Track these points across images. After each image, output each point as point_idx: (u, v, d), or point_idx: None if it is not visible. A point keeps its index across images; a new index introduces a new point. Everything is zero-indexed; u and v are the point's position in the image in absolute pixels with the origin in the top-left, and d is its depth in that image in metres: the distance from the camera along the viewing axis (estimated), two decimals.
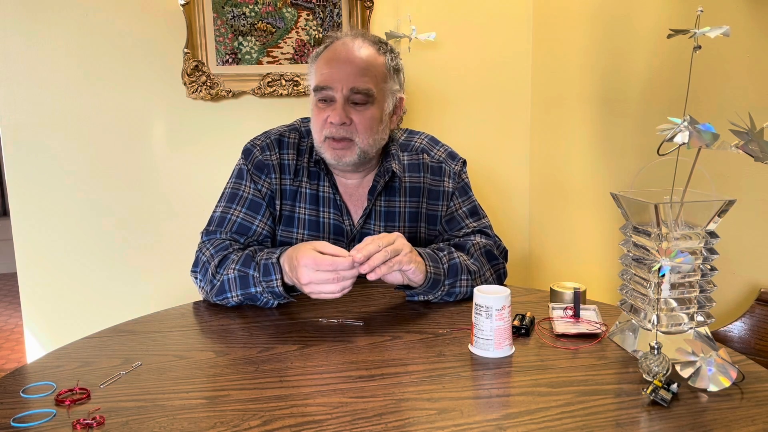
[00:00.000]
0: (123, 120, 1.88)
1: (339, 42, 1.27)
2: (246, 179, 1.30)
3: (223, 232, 1.26)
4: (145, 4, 1.84)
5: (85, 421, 0.74)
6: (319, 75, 1.25)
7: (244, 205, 1.28)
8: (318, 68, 1.26)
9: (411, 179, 1.33)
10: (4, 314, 3.45)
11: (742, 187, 1.32)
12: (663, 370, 0.80)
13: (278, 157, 1.31)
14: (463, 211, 1.34)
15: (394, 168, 1.30)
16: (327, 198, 1.31)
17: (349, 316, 1.09)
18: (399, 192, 1.32)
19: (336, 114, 1.21)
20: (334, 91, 1.22)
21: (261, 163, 1.30)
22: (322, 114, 1.24)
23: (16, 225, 1.84)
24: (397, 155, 1.33)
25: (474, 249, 1.26)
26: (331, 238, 1.30)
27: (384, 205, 1.32)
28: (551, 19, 2.08)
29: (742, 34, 1.30)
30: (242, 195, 1.29)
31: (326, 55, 1.26)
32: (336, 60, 1.24)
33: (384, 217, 1.32)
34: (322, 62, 1.26)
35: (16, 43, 1.78)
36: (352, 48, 1.25)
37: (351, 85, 1.21)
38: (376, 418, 0.74)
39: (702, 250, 0.87)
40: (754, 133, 0.74)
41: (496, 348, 0.91)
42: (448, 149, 1.38)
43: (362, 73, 1.23)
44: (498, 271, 1.29)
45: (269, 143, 1.31)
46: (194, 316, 1.13)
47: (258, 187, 1.29)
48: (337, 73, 1.22)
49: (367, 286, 1.25)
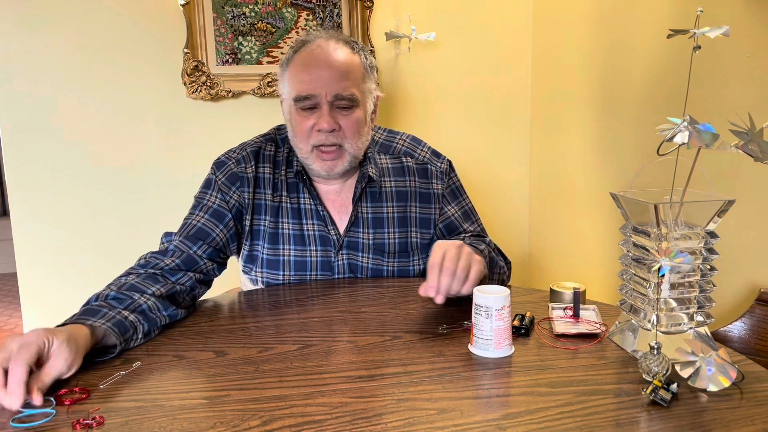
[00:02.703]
0: (123, 120, 1.88)
1: (313, 45, 1.21)
2: (213, 189, 1.26)
3: (178, 235, 1.22)
4: (145, 4, 1.84)
5: (84, 421, 0.74)
6: (297, 82, 1.19)
7: (207, 213, 1.24)
8: (294, 74, 1.20)
9: (396, 184, 1.31)
10: (4, 314, 3.45)
11: (742, 187, 1.32)
12: (663, 370, 0.80)
13: (254, 170, 1.26)
14: (459, 216, 1.34)
15: (370, 173, 1.27)
16: (309, 210, 1.28)
17: (348, 316, 1.10)
18: (385, 197, 1.30)
19: (324, 121, 1.17)
20: (318, 99, 1.18)
21: (234, 175, 1.26)
22: (307, 122, 1.19)
23: (16, 225, 1.84)
24: (373, 158, 1.30)
25: (492, 245, 1.28)
26: (318, 249, 1.28)
27: (371, 212, 1.29)
28: (551, 19, 2.08)
29: (742, 34, 1.30)
30: (206, 204, 1.26)
31: (302, 59, 1.20)
32: (315, 65, 1.18)
33: (372, 224, 1.29)
34: (298, 68, 1.20)
35: (16, 43, 1.78)
36: (328, 51, 1.20)
37: (335, 91, 1.17)
38: (376, 418, 0.74)
39: (702, 250, 0.87)
40: (753, 133, 0.74)
41: (496, 348, 0.91)
42: (431, 149, 1.36)
43: (344, 77, 1.18)
44: (510, 269, 1.33)
45: (245, 156, 1.27)
46: (194, 316, 1.13)
47: (226, 198, 1.25)
48: (319, 79, 1.17)
49: (367, 286, 1.25)
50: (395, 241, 1.30)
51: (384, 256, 1.30)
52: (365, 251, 1.29)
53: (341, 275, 1.29)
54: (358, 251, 1.29)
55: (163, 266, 1.14)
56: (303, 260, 1.28)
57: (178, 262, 1.17)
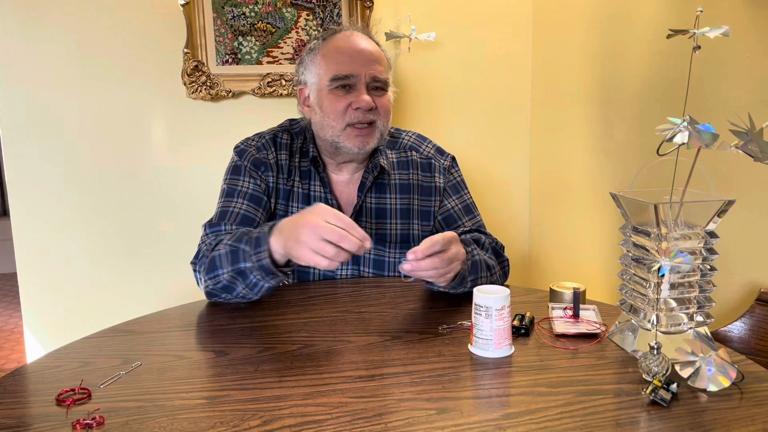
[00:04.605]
0: (123, 120, 1.88)
1: (346, 32, 1.29)
2: (244, 175, 1.29)
3: (228, 224, 1.23)
4: (145, 4, 1.84)
5: (85, 421, 0.74)
6: (335, 63, 1.25)
7: (245, 198, 1.27)
8: (330, 57, 1.26)
9: (401, 176, 1.34)
10: (4, 314, 3.45)
11: (742, 187, 1.32)
12: (662, 370, 0.80)
13: (275, 156, 1.31)
14: (459, 209, 1.35)
15: (382, 163, 1.31)
16: (318, 196, 1.31)
17: (348, 316, 1.10)
18: (389, 189, 1.33)
19: (363, 99, 1.22)
20: (357, 78, 1.23)
21: (258, 160, 1.30)
22: (343, 101, 1.24)
23: (16, 225, 1.84)
24: (384, 152, 1.34)
25: (487, 245, 1.27)
26: None
27: (375, 202, 1.32)
28: (551, 19, 2.08)
29: (742, 34, 1.30)
30: (241, 190, 1.28)
31: (337, 44, 1.27)
32: (353, 48, 1.25)
33: (375, 214, 1.32)
34: (333, 51, 1.26)
35: (15, 43, 1.78)
36: (362, 38, 1.28)
37: (372, 73, 1.24)
38: (376, 418, 0.74)
39: (701, 250, 0.87)
40: (753, 133, 0.74)
41: (496, 348, 0.91)
42: (435, 145, 1.40)
43: (378, 62, 1.26)
44: (504, 269, 1.31)
45: (264, 143, 1.31)
46: (194, 316, 1.13)
47: (257, 182, 1.29)
48: (359, 60, 1.24)
49: (367, 286, 1.25)
50: (397, 233, 1.32)
51: (386, 246, 1.31)
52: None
53: (344, 263, 1.29)
54: None
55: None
56: None
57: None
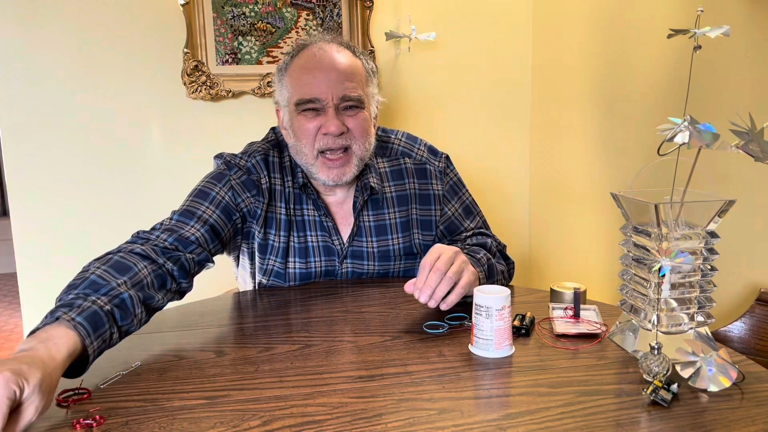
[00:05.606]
0: (123, 120, 1.88)
1: (314, 48, 1.17)
2: (225, 185, 1.19)
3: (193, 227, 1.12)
4: (145, 4, 1.84)
5: (85, 421, 0.74)
6: (300, 86, 1.15)
7: (218, 207, 1.17)
8: (296, 78, 1.17)
9: (396, 188, 1.28)
10: (4, 314, 3.45)
11: (742, 187, 1.32)
12: (663, 371, 0.80)
13: (267, 181, 1.21)
14: (459, 214, 1.32)
15: (372, 183, 1.24)
16: (312, 221, 1.25)
17: (349, 316, 1.09)
18: (386, 203, 1.27)
19: (332, 124, 1.13)
20: (324, 102, 1.14)
21: (251, 182, 1.20)
22: (311, 124, 1.15)
23: (16, 225, 1.84)
24: (374, 166, 1.27)
25: (494, 249, 1.25)
26: (322, 259, 1.26)
27: (373, 220, 1.27)
28: (551, 19, 2.08)
29: (742, 34, 1.30)
30: (215, 197, 1.17)
31: (303, 63, 1.17)
32: (318, 68, 1.14)
33: (375, 231, 1.27)
34: (299, 71, 1.16)
35: (15, 43, 1.78)
36: (331, 53, 1.16)
37: (341, 93, 1.14)
38: (376, 418, 0.74)
39: (702, 250, 0.87)
40: (754, 133, 0.74)
41: (496, 348, 0.91)
42: (427, 145, 1.33)
43: (349, 78, 1.15)
44: (510, 270, 1.30)
45: (255, 164, 1.21)
46: (194, 316, 1.13)
47: (236, 200, 1.19)
48: (324, 81, 1.13)
49: (367, 286, 1.25)
50: (400, 246, 1.28)
51: (390, 260, 1.29)
52: (370, 259, 1.28)
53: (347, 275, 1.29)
54: (363, 260, 1.28)
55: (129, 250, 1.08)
56: (307, 272, 1.26)
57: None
